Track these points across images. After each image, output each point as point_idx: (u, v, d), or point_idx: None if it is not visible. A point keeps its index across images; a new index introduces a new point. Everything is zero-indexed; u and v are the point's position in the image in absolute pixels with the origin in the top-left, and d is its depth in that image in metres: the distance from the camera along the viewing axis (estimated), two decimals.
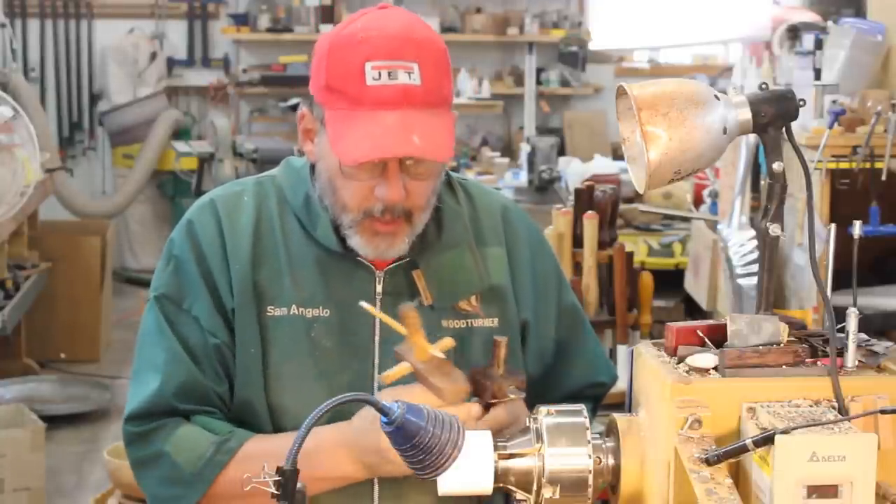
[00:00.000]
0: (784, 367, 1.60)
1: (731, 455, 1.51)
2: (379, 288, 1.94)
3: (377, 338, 1.93)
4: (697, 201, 5.81)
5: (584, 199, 4.02)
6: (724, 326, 1.64)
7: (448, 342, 1.80)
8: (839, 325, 1.61)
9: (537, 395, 2.03)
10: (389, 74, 1.80)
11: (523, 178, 6.90)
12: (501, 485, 1.67)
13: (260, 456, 1.80)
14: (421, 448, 1.58)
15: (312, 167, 1.97)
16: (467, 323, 1.97)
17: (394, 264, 1.96)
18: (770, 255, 1.65)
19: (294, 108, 8.78)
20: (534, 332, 2.03)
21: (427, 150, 1.81)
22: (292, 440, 1.79)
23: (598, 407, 2.12)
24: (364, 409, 1.82)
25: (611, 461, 1.68)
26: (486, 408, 1.83)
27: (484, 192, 2.10)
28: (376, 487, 1.93)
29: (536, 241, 2.08)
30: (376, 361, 1.93)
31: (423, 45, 1.84)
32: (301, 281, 1.92)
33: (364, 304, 1.81)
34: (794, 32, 4.67)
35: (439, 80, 1.85)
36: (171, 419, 1.90)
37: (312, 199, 1.95)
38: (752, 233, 4.57)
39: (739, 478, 1.55)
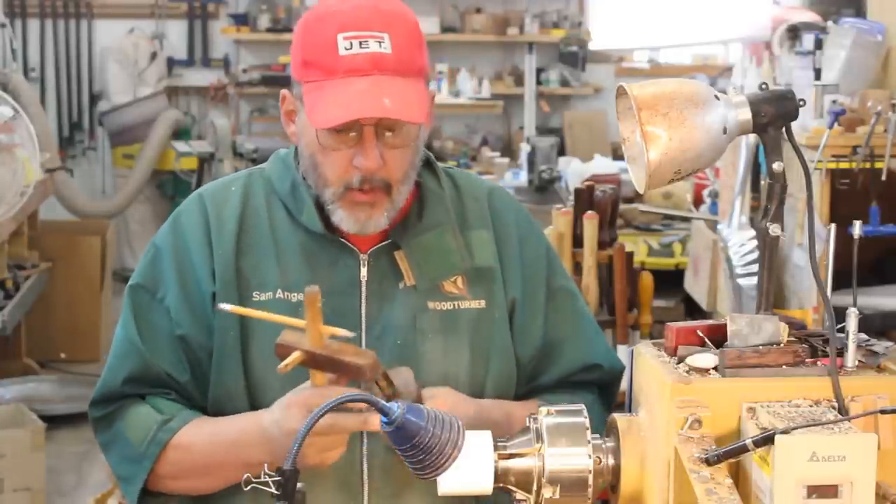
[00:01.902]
0: (784, 367, 1.60)
1: (731, 455, 1.51)
2: (364, 271, 1.97)
3: (363, 323, 1.95)
4: (697, 201, 5.81)
5: (584, 199, 4.02)
6: (724, 326, 1.64)
7: (340, 330, 1.79)
8: (839, 325, 1.61)
9: (530, 376, 2.04)
10: (361, 44, 1.86)
11: (523, 178, 6.90)
12: (501, 485, 1.67)
13: (193, 445, 1.92)
14: (421, 448, 1.58)
15: (297, 154, 2.01)
16: (454, 305, 1.98)
17: (377, 246, 1.98)
18: (770, 255, 1.65)
19: None
20: (521, 312, 2.03)
21: (398, 112, 1.84)
22: (226, 427, 1.90)
23: (610, 396, 2.10)
24: (286, 397, 1.83)
25: (611, 461, 1.68)
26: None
27: (470, 178, 2.13)
28: (366, 483, 1.95)
29: (524, 223, 2.09)
30: (363, 346, 1.94)
31: (393, 17, 1.89)
32: (287, 267, 1.96)
33: (226, 305, 1.83)
34: (794, 32, 4.67)
35: (411, 51, 1.89)
36: (128, 400, 1.98)
37: (299, 186, 1.99)
38: (752, 233, 4.57)
39: (739, 478, 1.55)
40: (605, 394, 2.09)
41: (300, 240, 1.97)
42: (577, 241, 3.94)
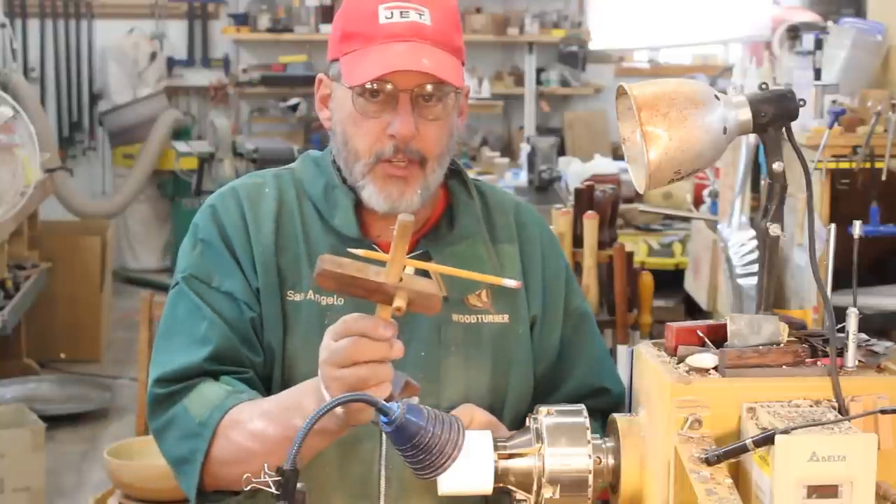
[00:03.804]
0: (784, 367, 1.60)
1: (731, 455, 1.51)
2: None
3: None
4: (697, 201, 5.81)
5: (584, 199, 4.02)
6: (724, 326, 1.64)
7: (426, 265, 1.74)
8: (839, 325, 1.61)
9: (538, 396, 2.02)
10: (401, 14, 1.88)
11: (523, 178, 6.89)
12: (501, 485, 1.67)
13: (251, 418, 1.81)
14: (421, 448, 1.58)
15: (334, 161, 1.99)
16: (477, 318, 1.96)
17: (408, 256, 1.95)
18: (770, 255, 1.65)
19: (294, 108, 8.79)
20: (539, 331, 2.02)
21: (436, 70, 1.85)
22: (285, 392, 1.82)
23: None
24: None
25: (611, 461, 1.68)
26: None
27: (497, 192, 2.12)
28: (382, 490, 1.94)
29: (548, 241, 2.09)
30: None
31: None
32: None
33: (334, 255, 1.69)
34: (794, 32, 4.68)
35: (450, 29, 1.91)
36: (197, 379, 1.89)
37: (334, 188, 1.97)
38: (752, 233, 4.57)
39: (739, 478, 1.55)
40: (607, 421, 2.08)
41: (331, 243, 1.94)
42: (577, 241, 3.94)
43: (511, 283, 1.72)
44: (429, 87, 1.87)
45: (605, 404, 2.03)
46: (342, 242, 1.93)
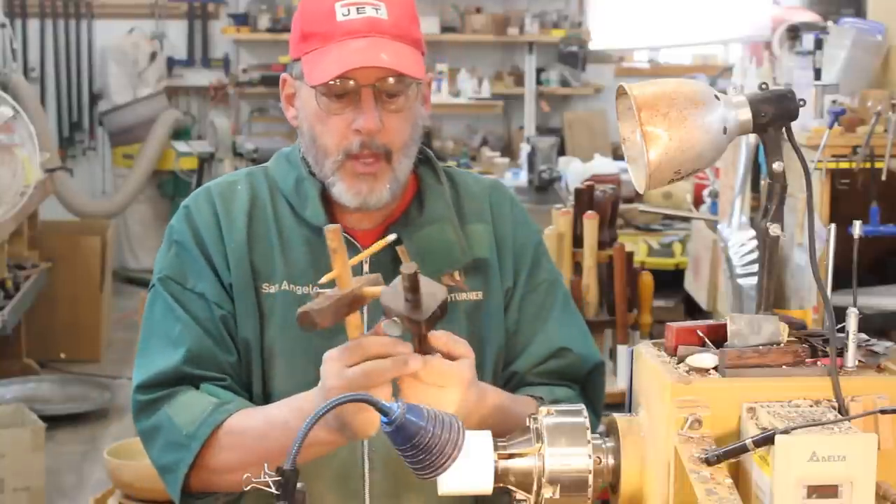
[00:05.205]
0: (784, 367, 1.60)
1: (731, 455, 1.51)
2: (366, 267, 1.97)
3: (365, 317, 1.95)
4: (697, 201, 5.82)
5: (584, 199, 4.02)
6: (724, 326, 1.64)
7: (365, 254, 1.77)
8: (839, 325, 1.61)
9: (504, 363, 2.05)
10: (358, 10, 1.92)
11: (523, 178, 6.91)
12: (501, 485, 1.67)
13: (246, 430, 1.86)
14: (421, 448, 1.58)
15: (303, 156, 2.02)
16: (451, 297, 1.98)
17: (378, 240, 1.97)
18: (770, 255, 1.65)
19: None
20: (511, 298, 2.06)
21: (395, 64, 1.88)
22: (278, 408, 1.85)
23: (592, 394, 2.06)
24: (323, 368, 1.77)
25: (611, 461, 1.68)
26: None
27: (468, 176, 2.15)
28: (367, 488, 1.95)
29: (518, 215, 2.12)
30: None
31: None
32: (291, 260, 1.98)
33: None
34: (794, 32, 4.68)
35: (407, 21, 1.95)
36: (179, 387, 1.93)
37: (303, 181, 2.01)
38: (752, 233, 4.57)
39: (739, 478, 1.55)
40: (587, 391, 2.07)
41: (304, 235, 1.99)
42: (577, 241, 3.94)
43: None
44: (390, 81, 1.90)
45: (571, 365, 2.04)
46: (314, 234, 1.98)
